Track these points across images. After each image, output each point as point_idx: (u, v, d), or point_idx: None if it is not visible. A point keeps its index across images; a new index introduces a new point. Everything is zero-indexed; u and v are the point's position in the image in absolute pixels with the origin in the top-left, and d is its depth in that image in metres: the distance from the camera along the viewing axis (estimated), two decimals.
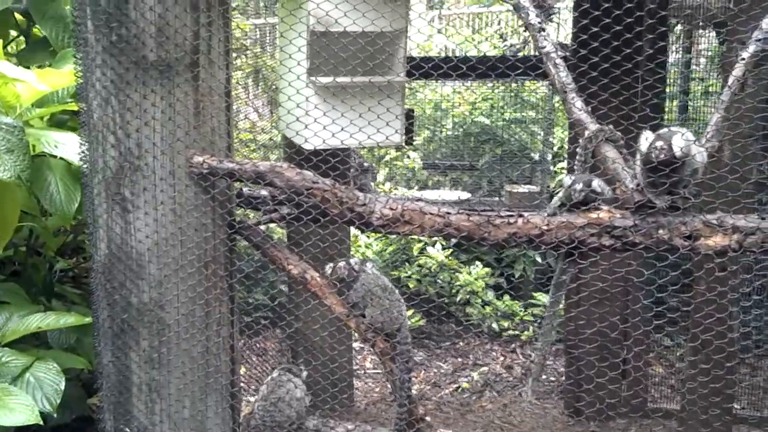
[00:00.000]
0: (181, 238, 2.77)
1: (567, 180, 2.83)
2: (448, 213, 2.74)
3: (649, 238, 2.60)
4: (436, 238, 6.89)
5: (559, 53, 3.46)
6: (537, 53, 3.73)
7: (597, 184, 2.77)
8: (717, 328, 3.74)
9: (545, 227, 2.69)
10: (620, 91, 4.45)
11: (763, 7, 3.56)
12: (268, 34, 8.42)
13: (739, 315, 3.94)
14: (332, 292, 2.96)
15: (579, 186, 2.73)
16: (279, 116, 4.98)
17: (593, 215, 2.66)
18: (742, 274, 4.48)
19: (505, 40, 9.12)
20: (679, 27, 7.72)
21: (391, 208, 2.76)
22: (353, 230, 5.55)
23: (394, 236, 6.78)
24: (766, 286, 5.55)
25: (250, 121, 8.09)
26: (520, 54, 8.16)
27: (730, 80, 2.96)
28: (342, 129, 4.05)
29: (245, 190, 3.06)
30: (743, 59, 3.02)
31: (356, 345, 6.81)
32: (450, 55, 9.44)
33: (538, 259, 7.59)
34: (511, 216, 2.72)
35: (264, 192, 2.99)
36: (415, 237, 6.28)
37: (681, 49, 7.91)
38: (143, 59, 2.67)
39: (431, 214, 2.74)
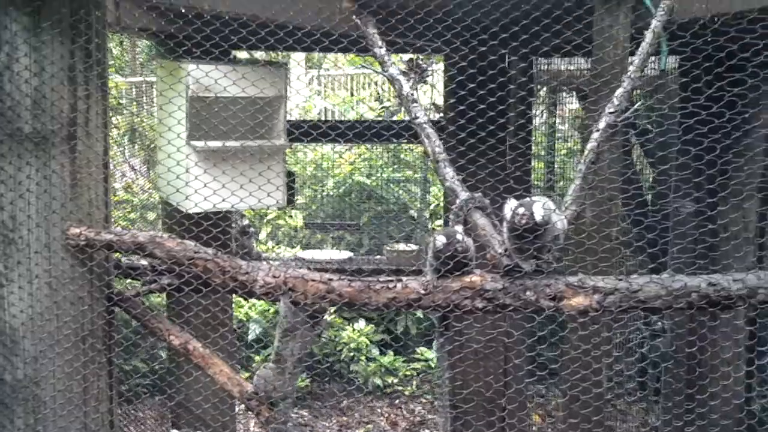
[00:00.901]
0: (57, 312, 2.71)
1: (433, 238, 2.94)
2: (330, 279, 2.81)
3: (518, 299, 2.76)
4: None
5: (432, 123, 3.65)
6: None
7: (460, 237, 2.88)
8: (587, 380, 3.93)
9: (423, 292, 2.81)
10: (490, 156, 4.71)
11: (617, 78, 3.88)
12: (145, 93, 8.35)
13: (606, 368, 4.18)
14: (215, 361, 2.95)
15: (443, 239, 2.83)
16: (158, 179, 4.94)
17: (467, 279, 2.80)
18: (606, 330, 4.75)
19: (381, 102, 9.41)
20: (544, 90, 8.22)
21: (274, 276, 2.80)
22: None
23: None
24: (627, 341, 5.92)
25: (127, 180, 7.94)
26: (396, 117, 8.45)
27: (586, 151, 3.21)
28: (223, 194, 4.08)
29: (124, 260, 3.04)
30: (598, 130, 3.30)
31: (239, 408, 6.70)
32: (329, 116, 9.64)
33: (420, 315, 7.75)
34: (390, 281, 2.82)
35: (143, 262, 2.97)
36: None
37: (545, 112, 8.43)
38: (18, 131, 2.64)
39: (313, 281, 2.80)
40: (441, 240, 2.82)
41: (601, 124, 3.28)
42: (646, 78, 6.80)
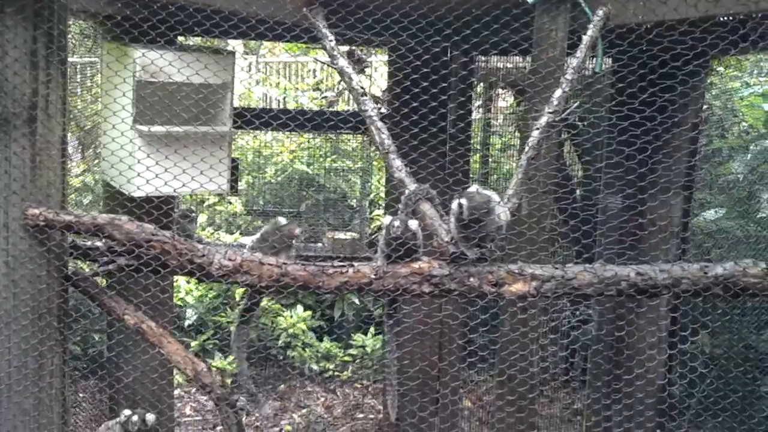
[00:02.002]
0: (15, 290, 2.75)
1: (387, 219, 3.10)
2: (285, 264, 2.93)
3: (462, 285, 2.94)
4: None
5: (380, 115, 3.79)
6: (353, 108, 4.05)
7: (413, 224, 3.05)
8: (520, 363, 4.15)
9: (374, 276, 2.96)
10: (432, 146, 4.88)
11: (555, 77, 4.09)
12: (78, 74, 8.21)
13: (537, 352, 4.40)
14: (170, 340, 3.04)
15: (397, 223, 3.00)
16: (102, 162, 4.93)
17: (415, 265, 2.96)
18: (540, 316, 4.99)
19: (321, 91, 9.50)
20: (480, 86, 8.45)
21: (230, 259, 2.90)
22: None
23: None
24: (558, 327, 6.19)
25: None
26: (337, 107, 8.55)
27: (527, 147, 3.40)
28: (167, 179, 4.14)
29: (79, 241, 3.08)
30: (538, 129, 3.49)
31: (177, 392, 6.73)
32: (269, 104, 9.67)
33: (356, 301, 7.90)
34: (343, 266, 2.96)
35: (99, 243, 3.02)
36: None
37: (482, 107, 8.66)
38: None
39: (269, 264, 2.91)
40: (396, 226, 2.97)
41: (541, 123, 3.47)
42: (581, 79, 7.08)
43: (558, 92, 3.67)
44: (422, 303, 4.53)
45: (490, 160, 8.27)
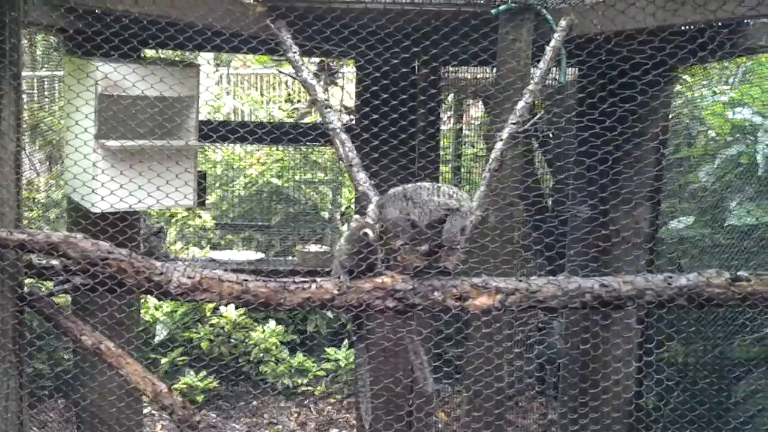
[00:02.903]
0: None
1: (351, 224, 3.05)
2: (246, 280, 2.89)
3: (426, 299, 2.91)
4: None
5: (343, 128, 3.76)
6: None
7: (367, 230, 2.98)
8: (486, 378, 4.13)
9: (336, 292, 2.92)
10: (399, 158, 4.86)
11: (518, 88, 4.08)
12: (46, 87, 8.12)
13: (503, 366, 4.38)
14: (128, 361, 2.97)
15: (370, 232, 2.93)
16: (65, 179, 4.86)
17: (378, 280, 2.93)
18: (505, 329, 4.97)
19: (292, 103, 9.45)
20: (451, 97, 8.47)
21: (189, 277, 2.85)
22: None
23: None
24: (524, 340, 6.18)
25: (26, 178, 7.70)
26: (308, 119, 8.52)
27: (490, 159, 3.39)
28: (131, 193, 4.08)
29: (35, 260, 3.01)
30: (501, 140, 3.49)
31: (147, 410, 6.62)
32: (239, 117, 9.61)
33: (330, 315, 7.84)
34: (305, 282, 2.92)
35: (55, 262, 2.95)
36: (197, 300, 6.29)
37: (453, 117, 8.67)
38: None
39: (229, 281, 2.87)
40: (368, 234, 2.92)
41: (504, 134, 3.47)
42: (545, 89, 7.12)
43: (521, 103, 3.68)
44: (387, 317, 4.50)
45: (462, 170, 8.28)
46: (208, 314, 7.44)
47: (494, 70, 4.36)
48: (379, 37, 4.19)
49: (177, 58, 5.44)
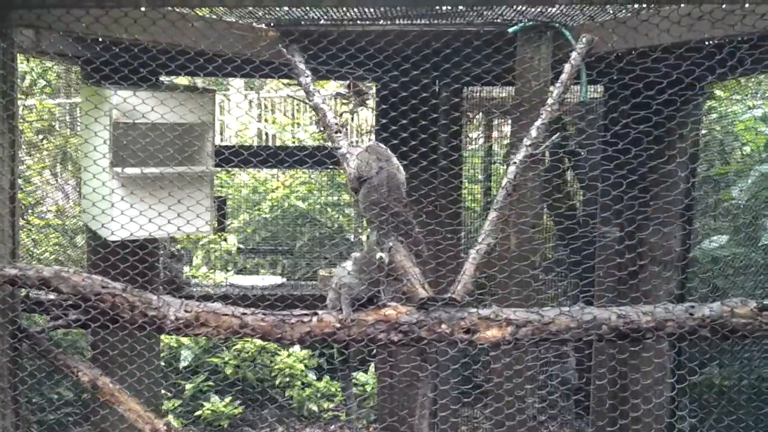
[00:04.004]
0: None
1: (355, 254, 2.93)
2: (244, 314, 2.79)
3: (433, 333, 2.78)
4: None
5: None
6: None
7: (381, 255, 2.87)
8: (509, 410, 3.96)
9: (338, 325, 2.80)
10: (421, 174, 4.75)
11: (539, 107, 3.94)
12: (76, 115, 8.19)
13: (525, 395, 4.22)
14: (124, 398, 2.89)
15: (385, 256, 2.82)
16: (83, 207, 4.84)
17: (382, 312, 2.80)
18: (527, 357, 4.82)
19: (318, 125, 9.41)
20: (480, 116, 8.34)
21: (186, 311, 2.76)
22: None
23: None
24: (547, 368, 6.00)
25: (57, 205, 7.76)
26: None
27: (504, 182, 3.25)
28: (146, 221, 4.02)
29: (32, 294, 2.95)
30: (515, 163, 3.35)
31: None
32: (267, 140, 9.59)
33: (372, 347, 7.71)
34: (305, 315, 2.81)
35: (52, 296, 2.89)
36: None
37: (482, 136, 8.53)
38: None
39: (226, 315, 2.77)
40: (382, 258, 2.81)
41: (519, 157, 3.33)
42: (573, 107, 6.97)
43: (537, 123, 3.54)
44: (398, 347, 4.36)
45: (492, 191, 8.12)
46: (234, 338, 7.37)
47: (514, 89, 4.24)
48: (396, 60, 4.10)
49: (205, 85, 5.39)
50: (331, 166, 5.78)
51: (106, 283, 2.68)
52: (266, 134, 9.66)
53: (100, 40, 3.62)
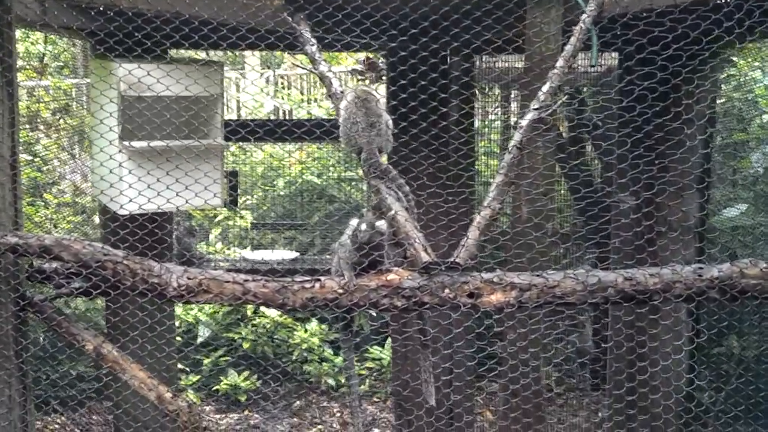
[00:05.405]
0: None
1: (354, 222, 2.91)
2: (246, 281, 2.77)
3: (436, 297, 2.74)
4: None
5: None
6: None
7: (380, 224, 2.85)
8: (523, 380, 3.92)
9: (340, 291, 2.78)
10: (433, 148, 4.69)
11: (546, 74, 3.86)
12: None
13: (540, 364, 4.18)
14: (129, 366, 2.89)
15: (364, 227, 2.80)
16: (93, 180, 4.85)
17: (384, 278, 2.77)
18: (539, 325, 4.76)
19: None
20: (496, 89, 8.24)
21: (188, 278, 2.75)
22: None
23: None
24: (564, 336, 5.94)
25: (73, 183, 7.80)
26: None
27: (510, 146, 3.19)
28: (159, 193, 4.01)
29: (39, 263, 2.95)
30: (521, 127, 3.28)
31: None
32: (281, 116, 9.55)
33: (373, 313, 7.71)
34: (307, 281, 2.78)
35: (56, 265, 2.89)
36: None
37: (500, 109, 8.43)
38: None
39: (228, 282, 2.75)
40: (363, 230, 2.77)
41: (524, 122, 3.27)
42: (592, 73, 6.86)
43: (545, 87, 3.46)
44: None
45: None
46: (250, 314, 7.40)
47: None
48: (403, 25, 4.03)
49: (203, 59, 5.36)
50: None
51: (107, 251, 2.68)
52: (283, 111, 9.63)
53: (104, 11, 3.58)
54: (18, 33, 6.69)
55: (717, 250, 5.04)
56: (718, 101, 5.46)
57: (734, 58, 5.83)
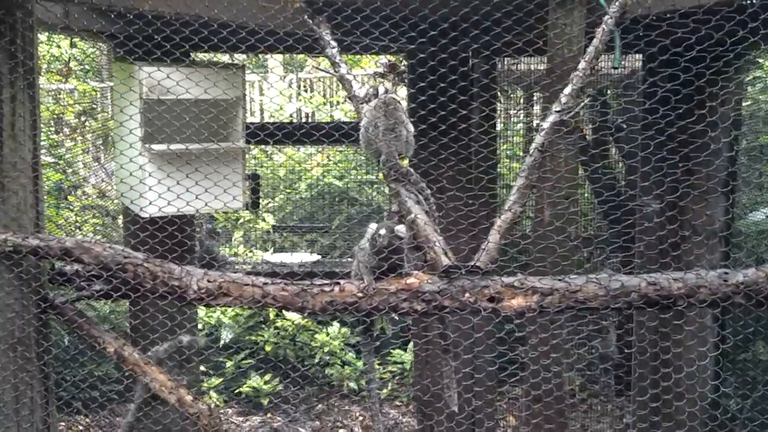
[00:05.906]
0: None
1: (373, 226, 2.89)
2: (266, 284, 2.76)
3: (456, 301, 2.71)
4: None
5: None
6: None
7: (399, 228, 2.84)
8: (545, 385, 3.88)
9: (360, 295, 2.76)
10: (454, 151, 4.66)
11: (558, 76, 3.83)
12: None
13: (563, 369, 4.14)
14: (151, 367, 2.90)
15: (383, 231, 2.79)
16: (115, 183, 4.89)
17: (404, 281, 2.75)
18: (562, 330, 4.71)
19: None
20: (518, 91, 8.20)
21: (209, 281, 2.75)
22: None
23: None
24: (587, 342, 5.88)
25: (98, 187, 7.88)
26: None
27: (531, 148, 3.16)
28: (179, 196, 4.02)
29: (60, 265, 2.97)
30: (543, 129, 3.25)
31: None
32: (304, 119, 9.57)
33: (395, 316, 7.67)
34: (327, 284, 2.77)
35: (77, 267, 2.91)
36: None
37: (522, 112, 8.39)
38: None
39: (248, 285, 2.75)
40: (382, 236, 2.76)
41: (546, 124, 3.23)
42: (617, 76, 6.80)
43: (567, 89, 3.43)
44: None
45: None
46: (272, 317, 7.40)
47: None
48: (423, 28, 4.01)
49: (224, 62, 5.38)
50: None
51: (127, 253, 2.68)
52: (305, 114, 9.64)
53: (124, 13, 3.60)
54: (42, 37, 6.76)
55: (743, 255, 4.97)
56: (743, 103, 5.38)
57: (760, 60, 5.75)
